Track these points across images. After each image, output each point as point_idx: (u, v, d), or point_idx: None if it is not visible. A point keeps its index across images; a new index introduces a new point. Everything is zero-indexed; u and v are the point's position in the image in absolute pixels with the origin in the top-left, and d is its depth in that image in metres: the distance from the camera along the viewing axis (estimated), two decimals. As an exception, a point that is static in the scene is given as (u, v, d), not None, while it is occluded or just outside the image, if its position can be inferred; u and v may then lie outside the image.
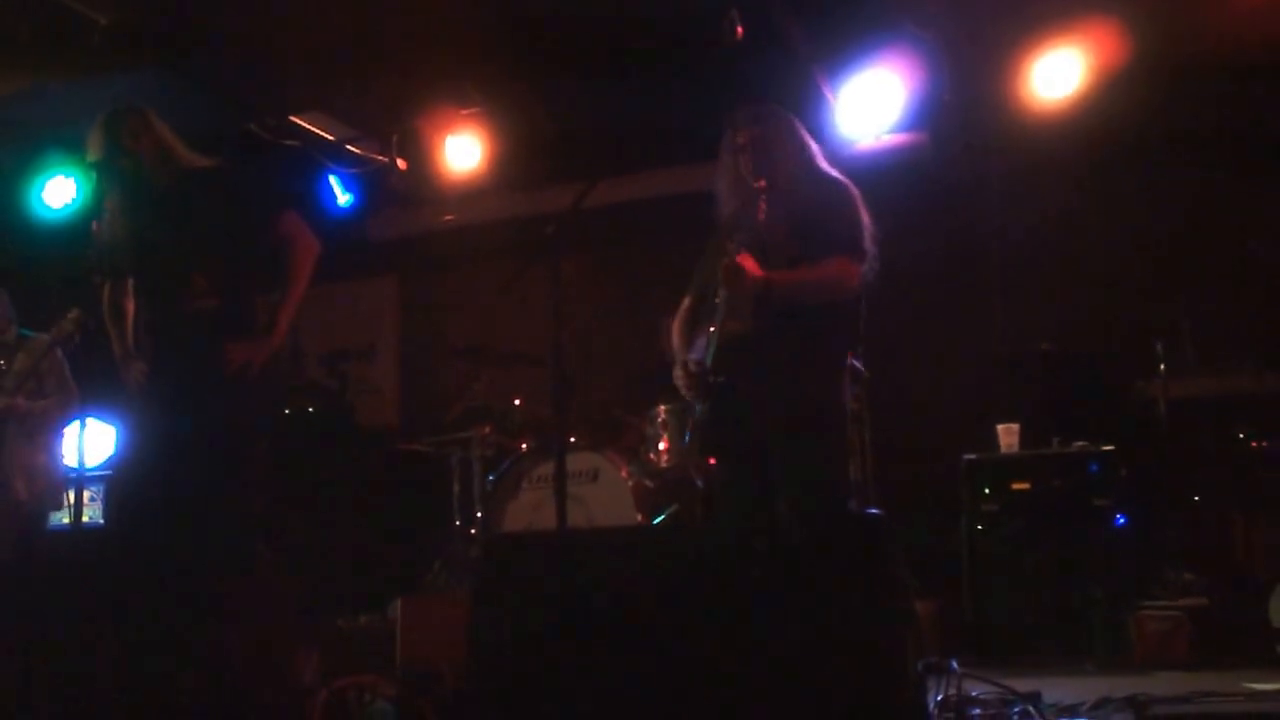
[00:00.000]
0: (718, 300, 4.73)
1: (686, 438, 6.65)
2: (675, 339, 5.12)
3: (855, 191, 4.84)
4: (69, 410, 6.32)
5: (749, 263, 4.60)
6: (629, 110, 7.40)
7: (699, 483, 6.61)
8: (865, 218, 4.79)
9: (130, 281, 5.15)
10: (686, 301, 5.15)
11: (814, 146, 4.99)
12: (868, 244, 4.75)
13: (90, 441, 5.10)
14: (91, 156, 4.99)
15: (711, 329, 4.78)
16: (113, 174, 4.96)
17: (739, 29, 5.42)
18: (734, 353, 4.71)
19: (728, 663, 3.27)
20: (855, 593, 3.22)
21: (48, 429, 6.39)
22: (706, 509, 6.74)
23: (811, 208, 4.72)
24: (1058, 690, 4.75)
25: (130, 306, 5.17)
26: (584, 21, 7.10)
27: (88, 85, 6.97)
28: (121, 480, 5.18)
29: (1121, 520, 6.37)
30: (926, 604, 6.38)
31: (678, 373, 4.94)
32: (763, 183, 4.79)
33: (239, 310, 4.99)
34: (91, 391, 5.37)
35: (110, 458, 7.19)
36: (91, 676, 3.82)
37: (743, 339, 4.69)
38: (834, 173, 4.94)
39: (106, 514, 6.27)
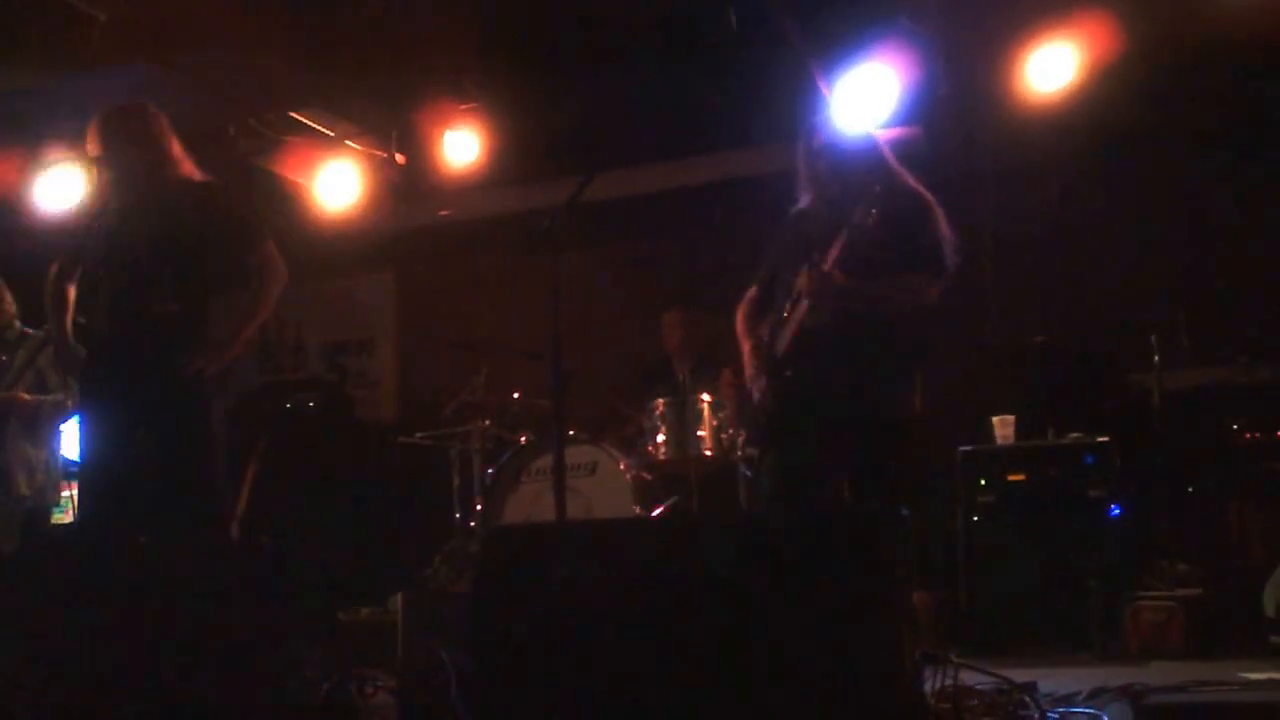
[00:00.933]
0: (794, 296, 4.77)
1: (723, 422, 6.67)
2: (740, 325, 5.16)
3: (938, 206, 4.86)
4: (69, 406, 6.35)
5: (836, 274, 4.64)
6: (626, 104, 7.42)
7: (744, 470, 6.61)
8: (946, 230, 4.81)
9: (79, 271, 5.19)
10: (753, 291, 5.19)
11: (889, 156, 4.99)
12: (950, 259, 4.78)
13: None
14: (90, 152, 5.03)
15: (785, 315, 4.81)
16: (105, 170, 4.99)
17: (733, 20, 5.46)
18: (810, 346, 4.74)
19: (726, 654, 3.29)
20: (854, 583, 3.25)
21: (48, 424, 6.42)
22: (704, 502, 6.78)
23: (897, 221, 4.72)
24: (1054, 680, 4.77)
25: (71, 294, 5.21)
26: (581, 16, 7.12)
27: (87, 81, 6.98)
28: (86, 475, 5.22)
29: (1116, 511, 6.39)
30: (923, 595, 6.40)
31: (746, 351, 4.98)
32: (879, 188, 4.73)
33: (198, 319, 5.05)
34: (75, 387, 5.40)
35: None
36: (92, 670, 3.85)
37: (821, 334, 4.72)
38: (916, 185, 4.95)
39: (78, 509, 6.29)
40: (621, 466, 6.85)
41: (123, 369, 4.98)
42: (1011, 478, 6.63)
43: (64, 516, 7.06)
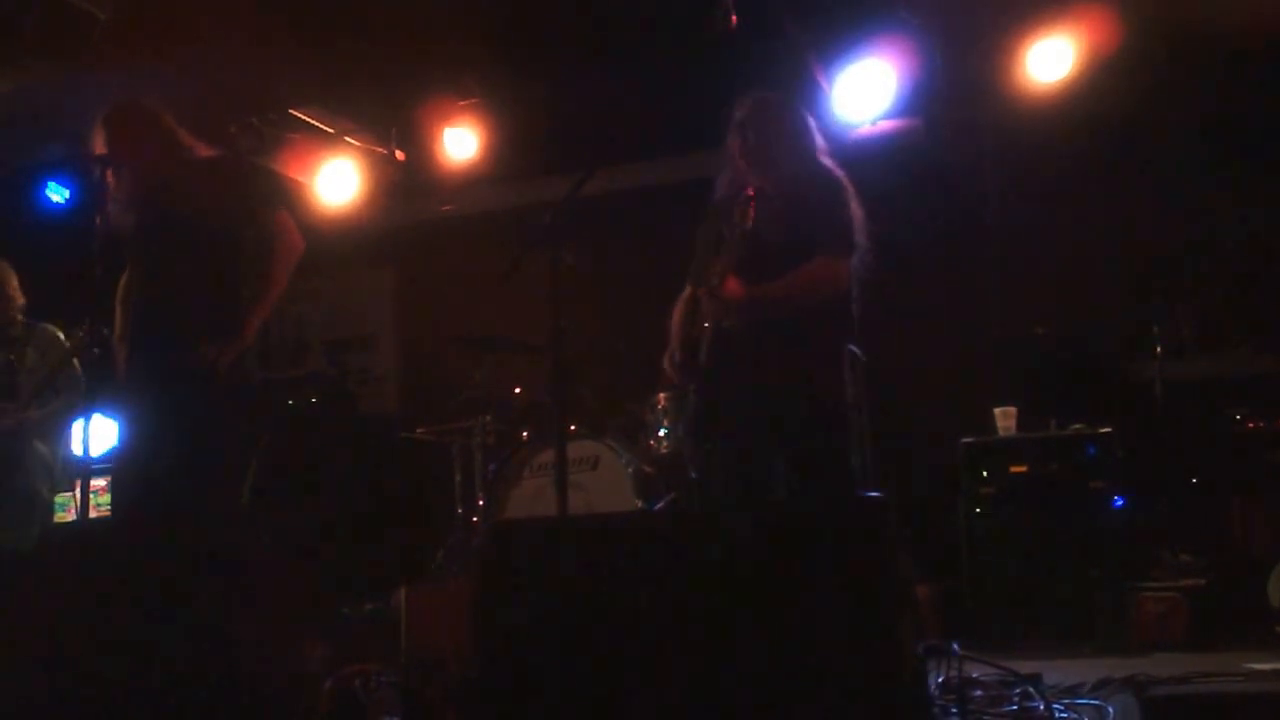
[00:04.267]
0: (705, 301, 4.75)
1: (673, 428, 6.68)
2: (674, 326, 5.13)
3: (845, 183, 4.82)
4: (78, 406, 6.36)
5: (732, 285, 4.61)
6: (626, 99, 7.42)
7: (692, 472, 6.63)
8: (856, 210, 4.78)
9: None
10: (688, 290, 5.16)
11: (813, 137, 4.96)
12: (858, 237, 4.74)
13: (96, 434, 5.15)
14: (96, 151, 5.01)
15: (705, 324, 4.79)
16: (116, 169, 4.98)
17: (733, 17, 5.44)
18: (726, 347, 4.73)
19: (728, 647, 3.29)
20: (855, 575, 3.25)
21: (57, 426, 6.45)
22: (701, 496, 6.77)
23: (801, 205, 4.71)
24: (1058, 672, 4.78)
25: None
26: (580, 11, 7.12)
27: (89, 79, 6.98)
28: (119, 470, 5.22)
29: (1119, 502, 6.39)
30: (926, 587, 6.41)
31: (667, 359, 4.96)
32: (751, 190, 4.76)
33: (224, 304, 5.02)
34: (99, 387, 5.39)
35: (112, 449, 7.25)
36: (102, 666, 3.85)
37: (734, 335, 4.70)
38: (827, 164, 4.92)
39: (113, 505, 6.33)
40: (623, 461, 6.85)
41: (149, 363, 4.97)
42: (1014, 469, 6.62)
43: (66, 515, 7.09)
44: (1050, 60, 7.33)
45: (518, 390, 7.59)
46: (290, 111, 8.35)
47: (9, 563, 5.08)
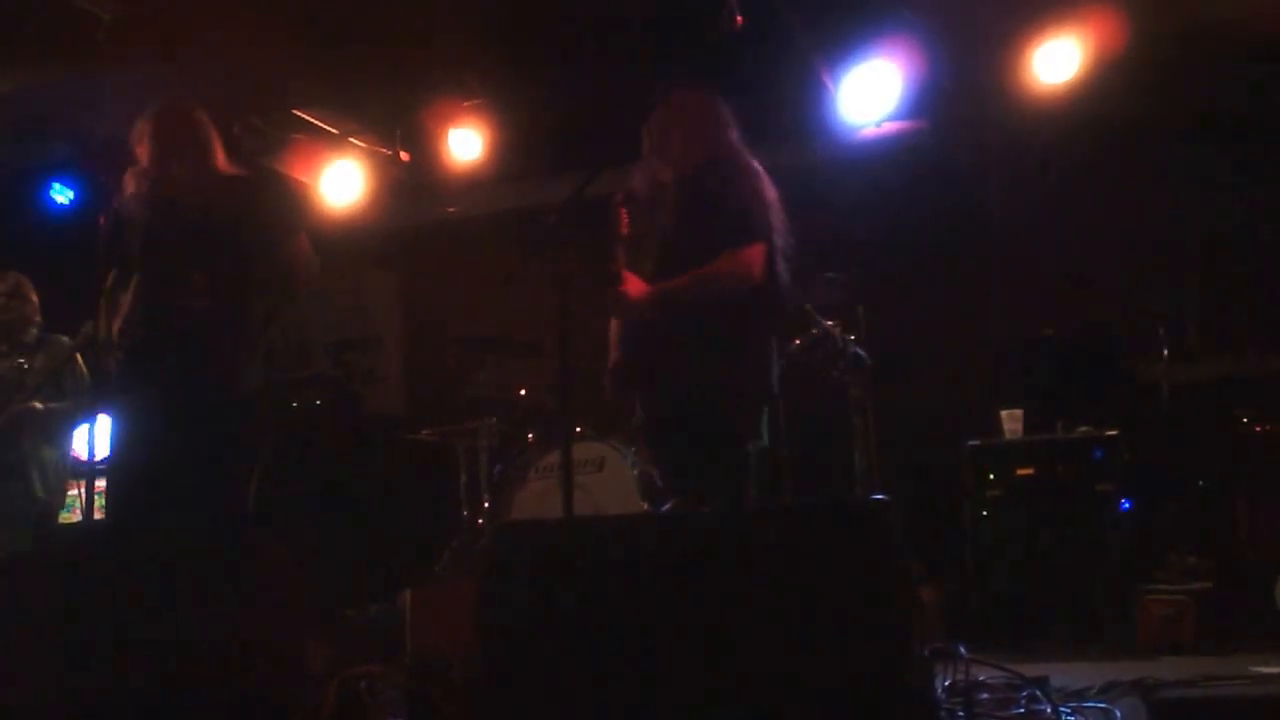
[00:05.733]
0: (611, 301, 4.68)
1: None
2: (611, 335, 4.99)
3: (755, 170, 4.71)
4: (83, 410, 6.36)
5: (633, 285, 4.57)
6: (631, 100, 7.40)
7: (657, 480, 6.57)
8: (768, 196, 4.66)
9: (133, 276, 5.16)
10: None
11: (727, 129, 4.83)
12: (773, 222, 4.63)
13: (101, 437, 5.14)
14: (137, 149, 4.99)
15: (614, 325, 4.75)
16: (151, 168, 4.97)
17: (739, 18, 5.42)
18: (633, 347, 4.69)
19: (733, 650, 3.28)
20: (862, 578, 3.24)
21: (63, 428, 6.44)
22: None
23: (706, 197, 4.61)
24: (1064, 674, 4.77)
25: (125, 300, 5.18)
26: (585, 11, 7.11)
27: (92, 80, 6.98)
28: (116, 474, 5.19)
29: (1126, 505, 6.39)
30: (932, 590, 6.40)
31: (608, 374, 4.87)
32: (662, 185, 4.70)
33: (233, 316, 5.00)
34: (105, 390, 5.38)
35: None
36: (104, 668, 3.84)
37: (640, 335, 4.64)
38: (741, 156, 4.79)
39: (107, 508, 6.32)
40: (629, 463, 6.83)
41: (153, 369, 4.95)
42: (1020, 472, 6.62)
43: (71, 516, 7.08)
44: (1056, 61, 7.31)
45: (523, 391, 7.58)
46: (294, 112, 8.35)
47: (6, 563, 5.07)
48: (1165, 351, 6.71)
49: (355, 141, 8.79)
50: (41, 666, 3.89)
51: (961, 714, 4.04)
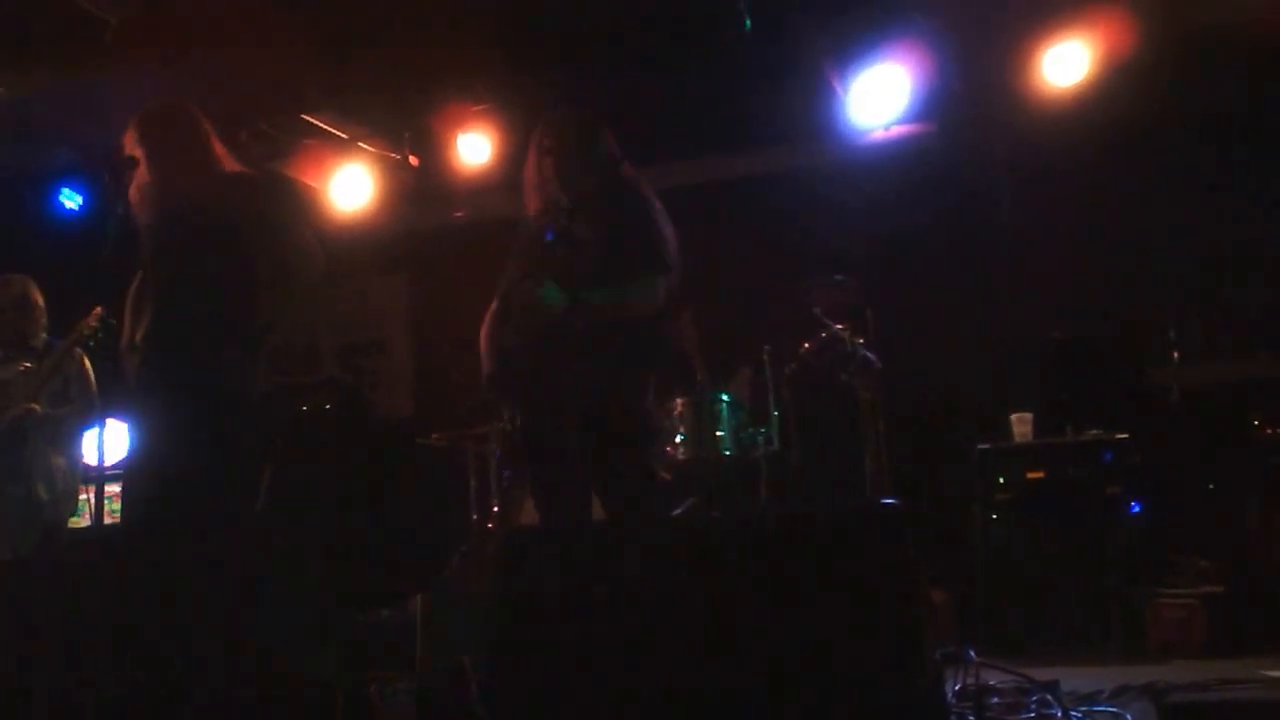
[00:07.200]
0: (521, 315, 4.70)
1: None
2: (484, 343, 5.08)
3: (657, 204, 4.75)
4: (90, 416, 6.35)
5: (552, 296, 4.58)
6: (640, 103, 7.41)
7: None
8: (668, 231, 4.71)
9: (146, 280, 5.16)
10: (494, 305, 5.08)
11: (618, 155, 4.85)
12: (672, 258, 4.66)
13: (110, 442, 5.13)
14: (129, 152, 4.98)
15: (518, 340, 4.75)
16: (147, 170, 4.96)
17: (749, 21, 5.43)
18: (539, 363, 4.68)
19: (746, 653, 3.28)
20: (873, 582, 3.24)
21: (69, 434, 6.43)
22: (723, 502, 6.76)
23: (613, 223, 4.63)
24: (1075, 678, 4.76)
25: (146, 305, 5.18)
26: (594, 16, 7.11)
27: (99, 85, 6.99)
28: (130, 477, 5.19)
29: (1136, 508, 6.38)
30: (942, 593, 6.39)
31: (486, 379, 4.92)
32: (563, 207, 4.69)
33: (240, 317, 4.99)
34: (113, 394, 5.38)
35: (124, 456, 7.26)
36: (115, 672, 3.85)
37: (545, 350, 4.65)
38: (636, 184, 4.81)
39: (122, 512, 6.33)
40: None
41: (163, 373, 4.95)
42: (1030, 475, 6.61)
43: (81, 521, 7.08)
44: (1065, 64, 7.30)
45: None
46: (303, 117, 8.36)
47: (9, 567, 5.07)
48: (1175, 354, 6.70)
49: (365, 146, 8.80)
50: (51, 671, 3.90)
51: (972, 718, 4.03)
